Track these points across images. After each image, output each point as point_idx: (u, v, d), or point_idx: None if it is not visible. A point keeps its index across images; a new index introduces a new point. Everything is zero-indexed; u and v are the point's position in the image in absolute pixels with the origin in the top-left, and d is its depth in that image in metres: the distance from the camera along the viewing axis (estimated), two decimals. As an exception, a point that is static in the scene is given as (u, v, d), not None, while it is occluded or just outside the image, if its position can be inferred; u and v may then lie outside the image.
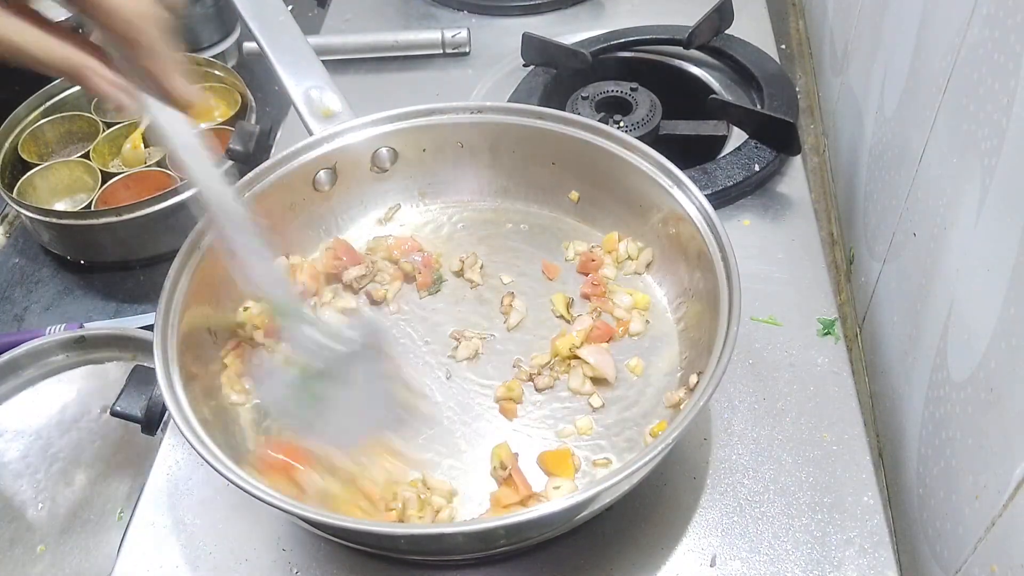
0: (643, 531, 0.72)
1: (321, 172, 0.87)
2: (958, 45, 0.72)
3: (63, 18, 1.37)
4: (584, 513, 0.66)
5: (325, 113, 0.87)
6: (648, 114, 1.04)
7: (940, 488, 0.69)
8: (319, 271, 0.86)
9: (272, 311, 0.69)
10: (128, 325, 1.05)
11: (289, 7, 0.92)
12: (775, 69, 1.11)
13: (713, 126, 1.07)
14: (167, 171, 1.16)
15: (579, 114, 0.95)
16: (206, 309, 0.79)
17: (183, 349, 0.72)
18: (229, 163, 1.02)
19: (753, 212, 0.97)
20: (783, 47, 1.30)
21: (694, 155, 0.99)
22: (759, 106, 1.06)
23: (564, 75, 1.15)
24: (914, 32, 0.84)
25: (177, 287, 0.75)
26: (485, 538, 0.64)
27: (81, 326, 1.06)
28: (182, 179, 1.11)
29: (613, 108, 1.07)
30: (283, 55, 0.89)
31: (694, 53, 1.17)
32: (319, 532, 0.70)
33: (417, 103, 0.89)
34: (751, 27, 1.20)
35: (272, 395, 0.71)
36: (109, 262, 1.15)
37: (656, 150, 0.82)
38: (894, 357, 0.84)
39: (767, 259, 0.91)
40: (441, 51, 1.23)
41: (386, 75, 1.23)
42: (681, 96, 1.11)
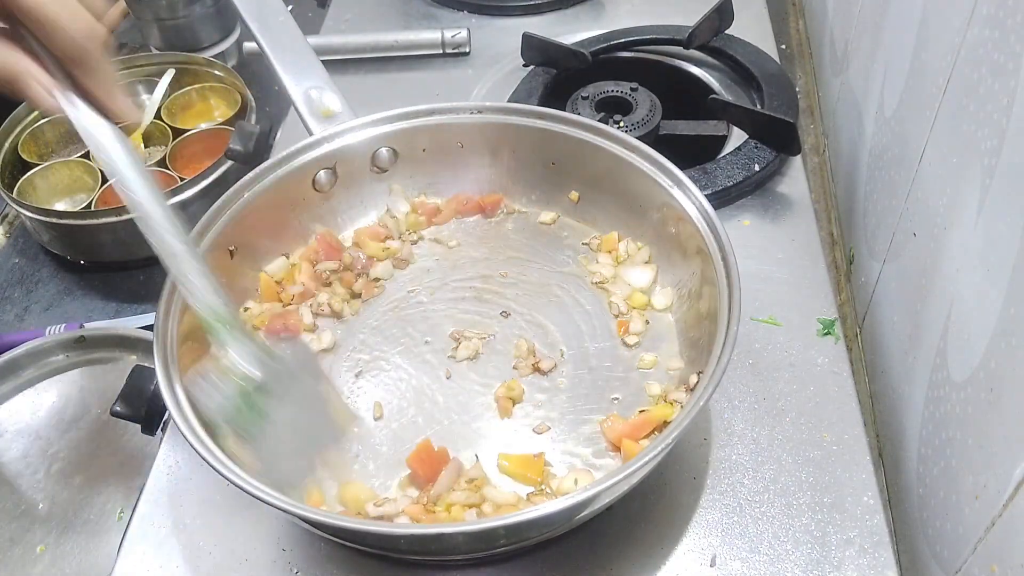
0: (643, 531, 0.72)
1: (321, 172, 0.87)
2: (958, 45, 0.72)
3: None
4: (584, 513, 0.66)
5: (325, 113, 0.87)
6: (648, 114, 1.04)
7: (940, 488, 0.69)
8: (318, 272, 0.87)
9: (205, 323, 0.67)
10: (128, 325, 1.05)
11: (289, 7, 0.92)
12: (775, 69, 1.11)
13: (713, 126, 1.07)
14: (167, 171, 1.15)
15: (579, 114, 0.95)
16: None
17: (183, 349, 0.72)
18: (229, 163, 1.02)
19: (753, 212, 0.97)
20: (783, 47, 1.30)
21: (694, 155, 0.99)
22: (759, 106, 1.06)
23: (564, 75, 1.15)
24: (914, 32, 0.84)
25: (177, 287, 0.75)
26: (485, 538, 0.64)
27: (81, 326, 1.06)
28: (182, 178, 1.11)
29: (613, 108, 1.07)
30: (283, 55, 0.89)
31: (694, 53, 1.17)
32: (319, 532, 0.70)
33: (417, 103, 0.89)
34: (751, 27, 1.20)
35: (217, 406, 0.67)
36: (109, 262, 1.15)
37: (656, 150, 0.82)
38: (894, 357, 0.84)
39: (767, 259, 0.91)
40: (441, 51, 1.23)
41: (386, 75, 1.23)
42: (681, 96, 1.12)
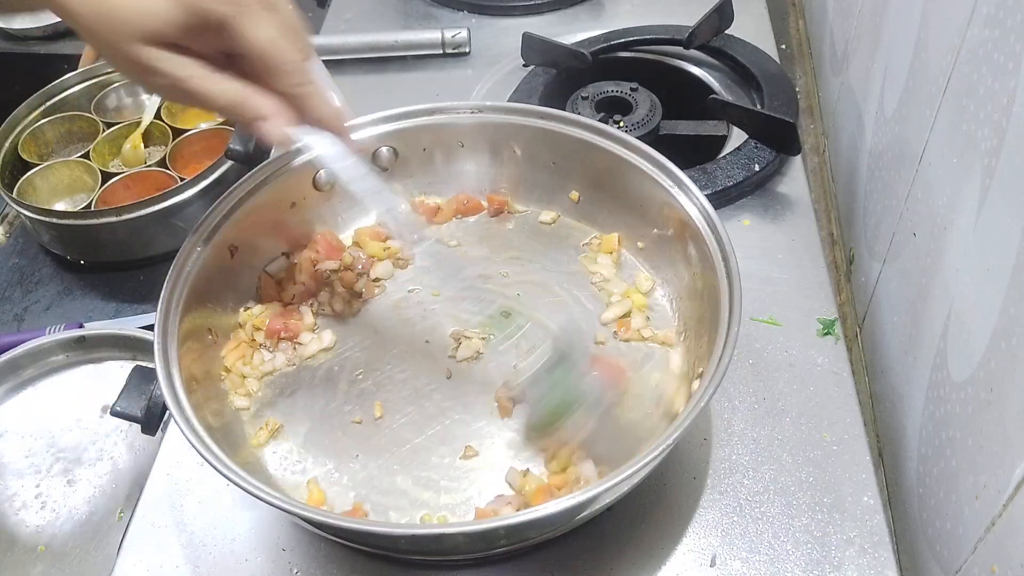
0: (643, 531, 0.72)
1: (321, 172, 0.87)
2: (958, 45, 0.72)
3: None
4: (584, 513, 0.66)
5: (325, 113, 0.87)
6: (648, 114, 1.04)
7: (940, 488, 0.70)
8: (319, 271, 0.87)
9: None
10: (128, 325, 1.05)
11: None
12: (775, 69, 1.11)
13: (713, 126, 1.07)
14: (167, 171, 1.16)
15: (579, 114, 0.95)
16: (206, 309, 0.79)
17: (183, 349, 0.72)
18: (229, 163, 1.02)
19: (753, 212, 0.97)
20: (783, 47, 1.30)
21: (694, 155, 0.99)
22: (759, 106, 1.06)
23: (564, 75, 1.15)
24: (914, 32, 0.84)
25: (177, 287, 0.75)
26: (485, 538, 0.64)
27: (81, 326, 1.06)
28: (182, 179, 1.11)
29: (613, 108, 1.07)
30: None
31: (694, 53, 1.17)
32: (319, 532, 0.70)
33: (417, 103, 0.89)
34: (751, 27, 1.20)
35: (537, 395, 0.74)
36: (109, 262, 1.15)
37: (656, 150, 0.82)
38: (894, 357, 0.84)
39: (767, 259, 0.91)
40: (441, 51, 1.23)
41: (386, 75, 1.23)
42: (681, 96, 1.12)
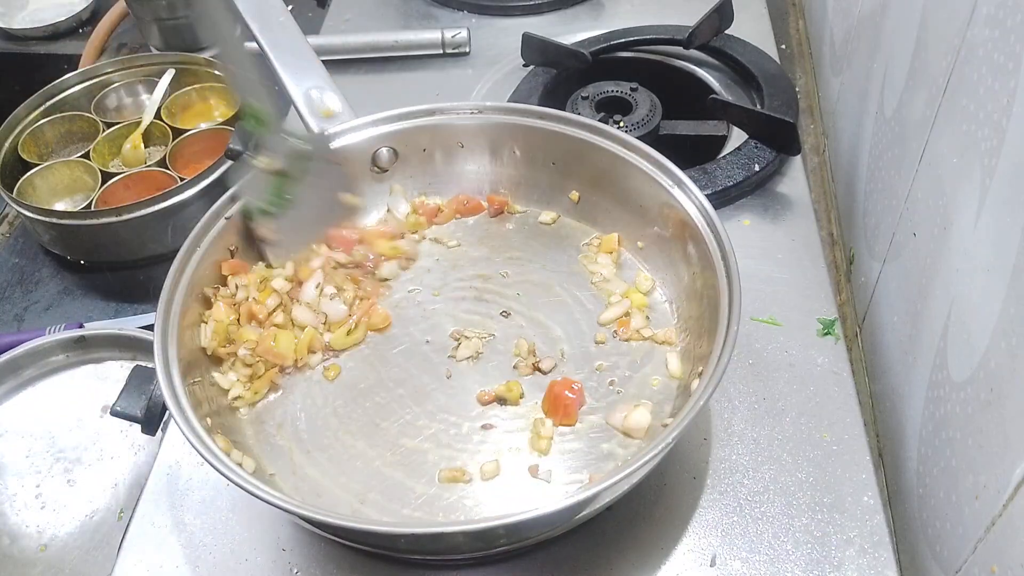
0: (643, 531, 0.72)
1: (321, 172, 0.87)
2: (958, 45, 0.72)
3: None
4: (584, 513, 0.66)
5: (325, 113, 0.87)
6: (648, 114, 1.04)
7: (940, 488, 0.69)
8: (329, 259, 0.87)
9: (249, 117, 0.81)
10: (128, 325, 1.05)
11: (289, 7, 0.93)
12: (775, 69, 1.11)
13: (713, 126, 1.07)
14: (167, 171, 1.16)
15: (579, 114, 0.95)
16: (206, 309, 0.79)
17: (183, 349, 0.72)
18: (229, 163, 1.02)
19: (753, 212, 0.97)
20: (783, 47, 1.30)
21: (694, 155, 0.99)
22: (759, 106, 1.06)
23: (564, 75, 1.15)
24: (914, 32, 0.84)
25: (177, 287, 0.75)
26: (485, 538, 0.64)
27: (81, 326, 1.06)
28: (182, 178, 1.11)
29: (613, 108, 1.07)
30: (283, 55, 0.89)
31: (694, 53, 1.17)
32: (319, 532, 0.70)
33: (417, 103, 0.89)
34: (751, 27, 1.20)
35: (252, 195, 0.82)
36: (109, 262, 1.15)
37: (656, 150, 0.82)
38: (894, 357, 0.84)
39: (767, 259, 0.91)
40: (441, 51, 1.23)
41: (386, 75, 1.23)
42: (681, 96, 1.12)
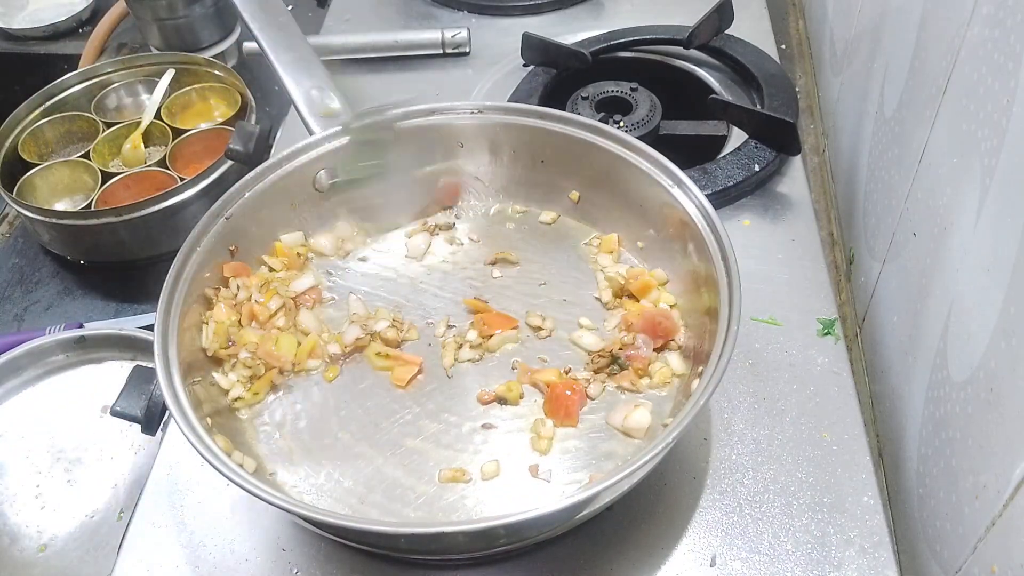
0: (643, 531, 0.72)
1: (321, 172, 0.87)
2: (958, 45, 0.72)
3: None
4: (584, 513, 0.66)
5: (325, 113, 0.87)
6: (648, 114, 1.04)
7: (940, 488, 0.70)
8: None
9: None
10: (128, 325, 1.05)
11: (289, 7, 0.93)
12: (775, 69, 1.11)
13: (713, 126, 1.07)
14: (167, 171, 1.16)
15: (579, 114, 0.95)
16: (206, 310, 0.79)
17: (183, 349, 0.72)
18: (229, 163, 1.02)
19: (753, 212, 0.97)
20: (783, 47, 1.31)
21: (694, 155, 0.99)
22: (759, 106, 1.06)
23: (564, 75, 1.15)
24: (914, 32, 0.84)
25: (177, 287, 0.75)
26: (485, 537, 0.64)
27: (81, 326, 1.06)
28: (182, 178, 1.11)
29: (613, 108, 1.07)
30: (283, 55, 0.89)
31: (694, 53, 1.17)
32: (319, 532, 0.70)
33: (417, 103, 0.89)
34: (751, 27, 1.20)
35: (342, 162, 0.85)
36: (109, 262, 1.15)
37: (656, 150, 0.82)
38: (894, 357, 0.84)
39: (767, 259, 0.91)
40: (441, 51, 1.23)
41: (386, 75, 1.23)
42: (681, 96, 1.12)
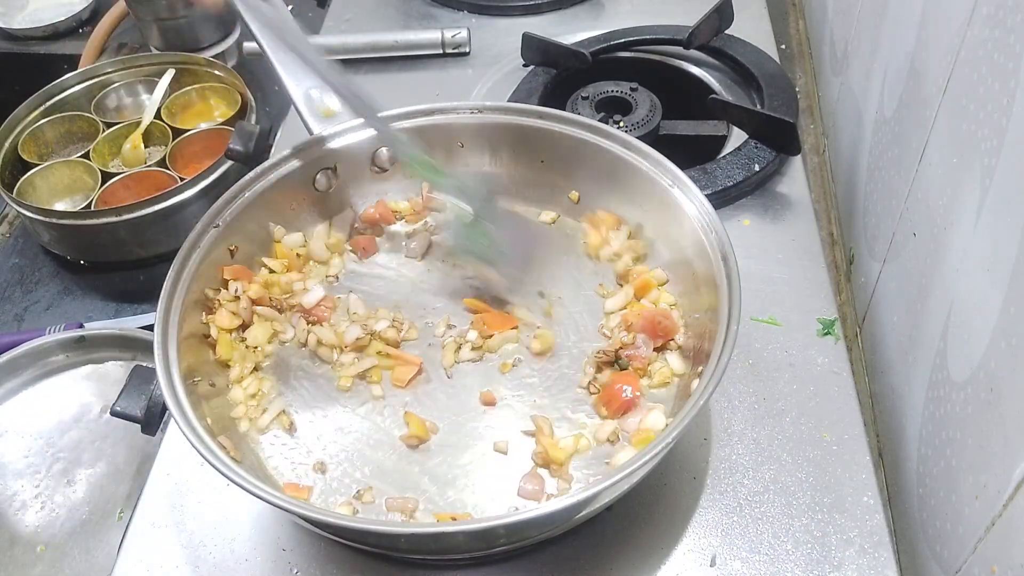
0: (643, 531, 0.72)
1: (321, 172, 0.87)
2: (958, 45, 0.72)
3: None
4: (584, 513, 0.66)
5: (325, 113, 0.87)
6: (648, 114, 1.04)
7: (940, 488, 0.70)
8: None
9: (417, 169, 0.84)
10: (128, 325, 1.05)
11: (289, 7, 0.92)
12: (775, 69, 1.11)
13: (713, 126, 1.07)
14: (167, 171, 1.16)
15: (579, 114, 0.95)
16: (206, 311, 0.79)
17: (183, 349, 0.72)
18: (229, 163, 1.02)
19: (753, 212, 0.97)
20: (783, 47, 1.30)
21: (694, 155, 0.99)
22: (759, 106, 1.06)
23: (564, 75, 1.15)
24: (914, 32, 0.84)
25: (177, 287, 0.75)
26: (485, 537, 0.64)
27: (81, 326, 1.06)
28: (182, 178, 1.11)
29: (613, 108, 1.07)
30: (283, 55, 0.89)
31: (694, 53, 1.17)
32: (319, 532, 0.70)
33: (417, 103, 0.89)
34: (751, 27, 1.20)
35: (455, 240, 0.85)
36: (109, 262, 1.15)
37: (656, 150, 0.82)
38: (894, 357, 0.84)
39: (767, 259, 0.91)
40: (441, 51, 1.23)
41: (386, 75, 1.23)
42: (681, 96, 1.12)
